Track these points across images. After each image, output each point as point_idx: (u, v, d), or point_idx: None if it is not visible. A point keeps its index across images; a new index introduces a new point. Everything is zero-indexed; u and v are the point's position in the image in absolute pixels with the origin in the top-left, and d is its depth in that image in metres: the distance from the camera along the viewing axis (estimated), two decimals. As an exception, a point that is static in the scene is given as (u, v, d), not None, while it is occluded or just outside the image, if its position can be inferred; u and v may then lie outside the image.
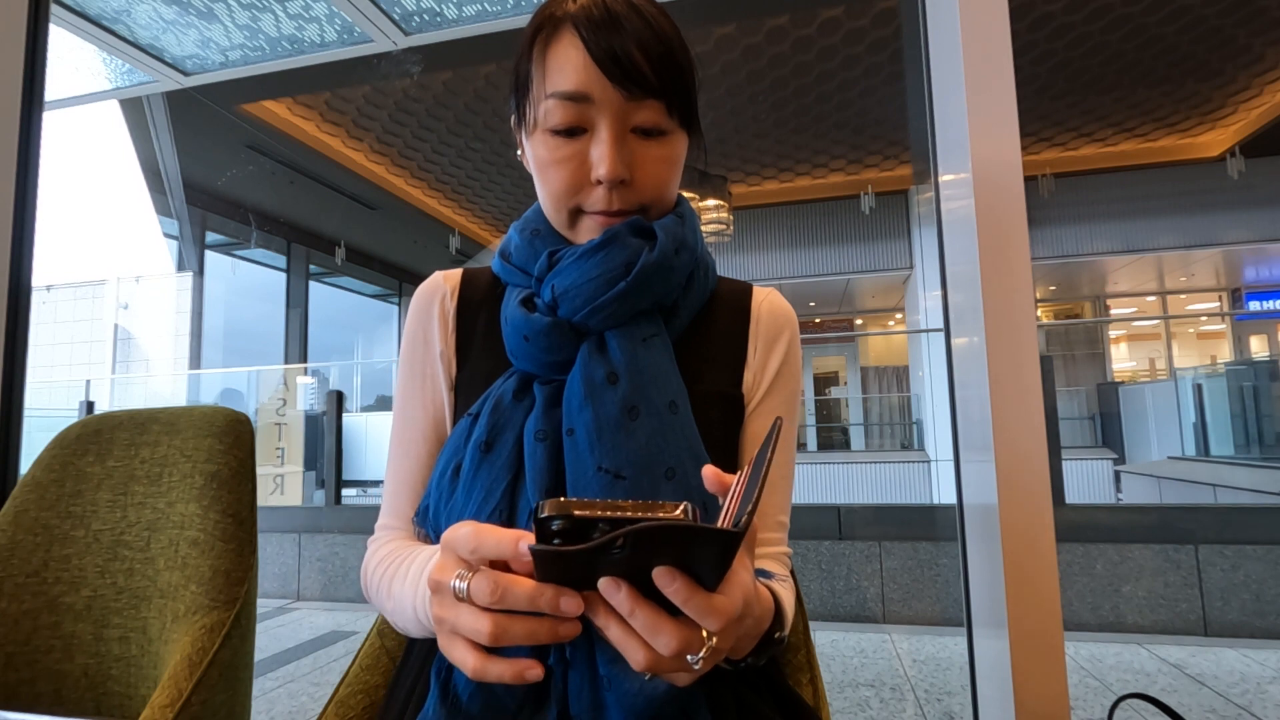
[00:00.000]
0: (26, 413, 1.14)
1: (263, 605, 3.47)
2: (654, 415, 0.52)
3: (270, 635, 3.01)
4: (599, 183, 0.55)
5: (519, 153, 0.62)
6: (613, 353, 0.54)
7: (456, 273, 0.64)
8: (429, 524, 0.55)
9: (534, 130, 0.56)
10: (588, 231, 0.57)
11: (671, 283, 0.56)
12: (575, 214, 0.57)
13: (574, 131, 0.54)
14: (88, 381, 6.17)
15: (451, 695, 0.48)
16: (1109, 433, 7.58)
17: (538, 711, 0.46)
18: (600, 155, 0.54)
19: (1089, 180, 7.66)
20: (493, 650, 0.39)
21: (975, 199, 0.83)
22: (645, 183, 0.56)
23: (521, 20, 2.15)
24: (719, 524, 0.33)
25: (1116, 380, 9.25)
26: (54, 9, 1.34)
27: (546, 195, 0.58)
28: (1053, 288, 9.90)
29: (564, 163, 0.55)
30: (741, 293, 0.64)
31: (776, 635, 0.49)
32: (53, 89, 2.47)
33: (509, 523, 0.49)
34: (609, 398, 0.51)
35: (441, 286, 0.63)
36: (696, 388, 0.56)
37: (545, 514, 0.32)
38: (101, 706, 0.76)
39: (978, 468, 0.86)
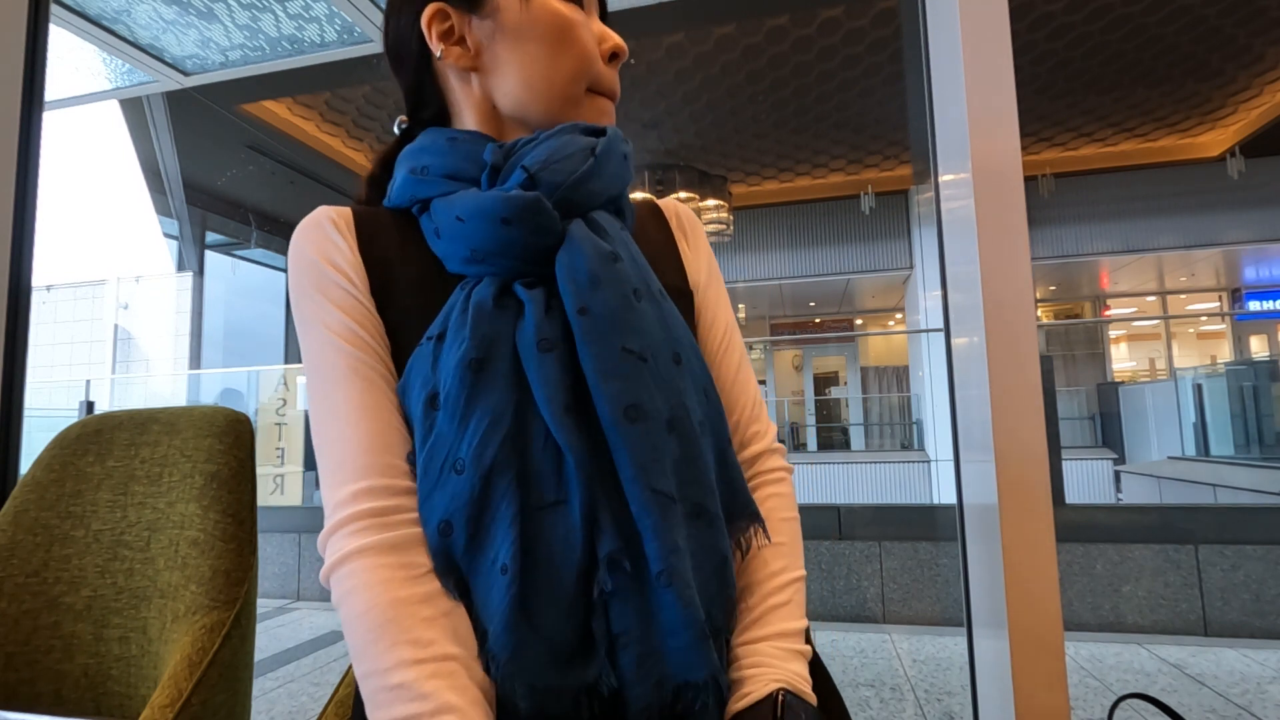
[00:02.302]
0: (26, 413, 1.14)
1: (263, 605, 3.47)
2: (652, 299, 0.49)
3: (270, 635, 3.01)
4: (613, 58, 0.56)
5: (443, 47, 0.55)
6: (608, 229, 0.50)
7: (344, 208, 0.55)
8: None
9: None
10: (594, 112, 0.56)
11: (623, 178, 0.54)
12: (584, 90, 0.55)
13: (579, 1, 0.55)
14: (88, 381, 6.17)
15: None
16: (1109, 433, 7.59)
17: None
18: (606, 33, 0.55)
19: (1089, 180, 7.66)
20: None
21: (975, 199, 0.83)
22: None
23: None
24: None
25: (1116, 380, 9.25)
26: (54, 9, 1.34)
27: (566, 63, 0.54)
28: (1053, 288, 9.90)
29: (584, 28, 0.54)
30: (649, 203, 0.64)
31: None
32: (53, 89, 2.47)
33: (523, 451, 0.45)
34: (619, 274, 0.47)
35: (331, 219, 0.53)
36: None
37: None
38: (101, 706, 0.76)
39: (978, 468, 0.86)
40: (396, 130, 0.61)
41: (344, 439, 0.46)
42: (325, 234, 0.52)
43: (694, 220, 0.64)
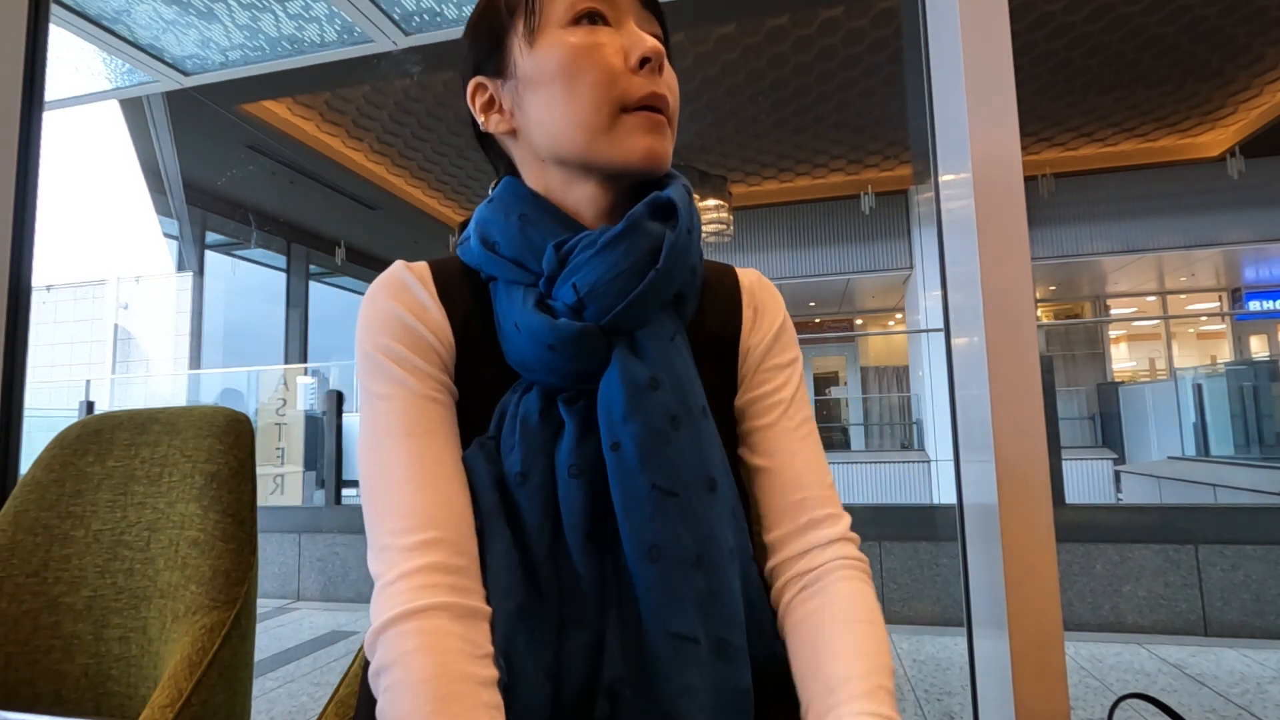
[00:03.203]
0: (26, 413, 1.14)
1: (263, 605, 3.47)
2: (692, 423, 0.48)
3: (270, 635, 3.01)
4: (642, 65, 0.50)
5: (485, 118, 0.56)
6: (648, 355, 0.48)
7: (422, 265, 0.55)
8: None
9: (541, 34, 0.51)
10: (631, 133, 0.50)
11: (688, 266, 0.52)
12: (615, 113, 0.50)
13: (596, 20, 0.51)
14: (88, 381, 6.17)
15: None
16: (1109, 433, 7.58)
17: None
18: (638, 39, 0.50)
19: (1089, 180, 7.66)
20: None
21: (975, 199, 0.83)
22: (670, 85, 0.53)
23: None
24: None
25: (1116, 380, 9.25)
26: (54, 9, 1.34)
27: (582, 92, 0.50)
28: (1053, 288, 9.90)
29: (599, 48, 0.50)
30: (728, 274, 0.61)
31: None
32: (53, 89, 2.47)
33: (555, 572, 0.46)
34: (654, 405, 0.46)
35: (414, 279, 0.53)
36: (703, 378, 0.53)
37: None
38: (101, 706, 0.76)
39: (978, 468, 0.86)
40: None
41: (418, 486, 0.45)
42: (410, 291, 0.52)
43: (772, 298, 0.61)
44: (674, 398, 0.47)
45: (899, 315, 11.48)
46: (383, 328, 0.50)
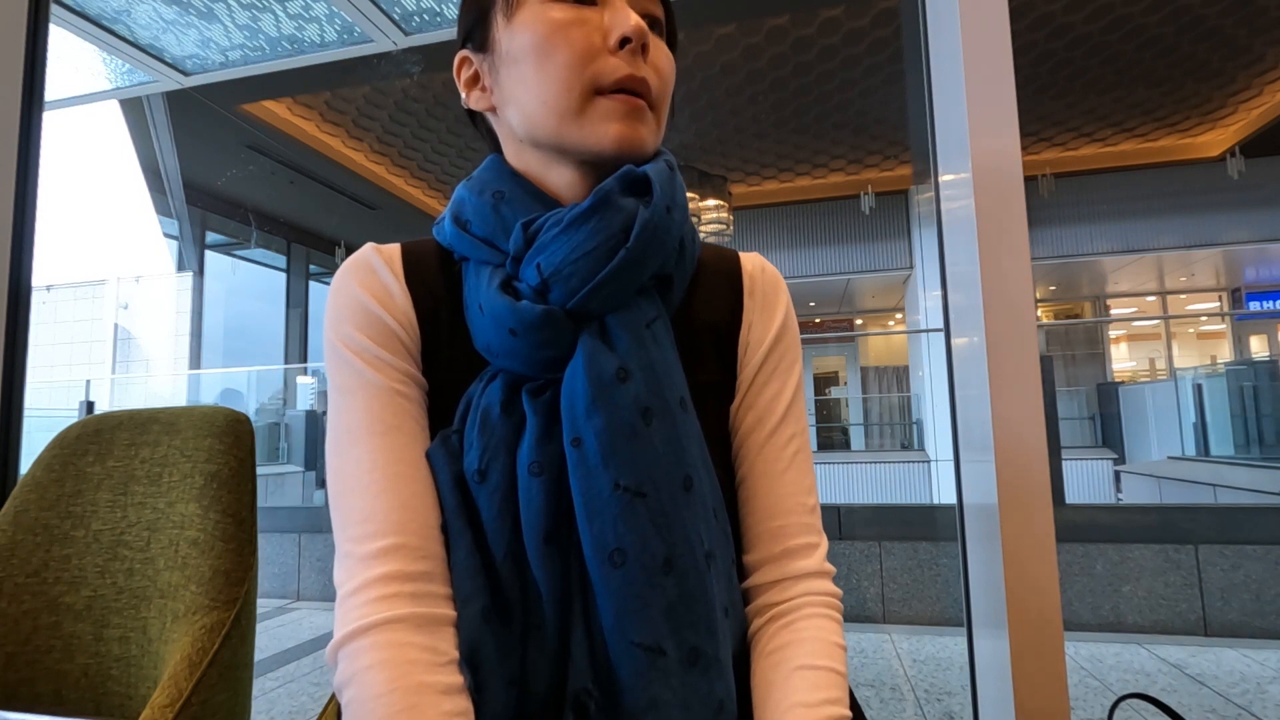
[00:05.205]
0: (26, 413, 1.14)
1: (263, 605, 3.47)
2: (667, 416, 0.45)
3: (270, 635, 3.01)
4: (622, 45, 0.47)
5: (467, 93, 0.54)
6: (619, 343, 0.45)
7: (393, 247, 0.52)
8: None
9: (519, 8, 0.49)
10: (603, 118, 0.47)
11: (669, 246, 0.48)
12: (588, 95, 0.47)
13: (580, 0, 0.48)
14: (88, 381, 6.16)
15: None
16: (1109, 433, 7.58)
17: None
18: (621, 17, 0.47)
19: (1089, 180, 7.66)
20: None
21: (975, 199, 0.83)
22: (658, 68, 0.50)
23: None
24: None
25: (1116, 380, 9.25)
26: (54, 9, 1.34)
27: (552, 71, 0.47)
28: (1053, 288, 9.90)
29: (576, 25, 0.47)
30: (729, 258, 0.57)
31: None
32: (53, 89, 2.47)
33: (517, 576, 0.44)
34: (621, 398, 0.43)
35: (380, 262, 0.50)
36: (693, 378, 0.50)
37: None
38: (101, 706, 0.76)
39: (978, 468, 0.86)
40: None
41: (380, 490, 0.44)
42: (376, 275, 0.50)
43: (775, 286, 0.57)
44: (647, 389, 0.44)
45: (899, 315, 11.48)
46: (347, 316, 0.48)
